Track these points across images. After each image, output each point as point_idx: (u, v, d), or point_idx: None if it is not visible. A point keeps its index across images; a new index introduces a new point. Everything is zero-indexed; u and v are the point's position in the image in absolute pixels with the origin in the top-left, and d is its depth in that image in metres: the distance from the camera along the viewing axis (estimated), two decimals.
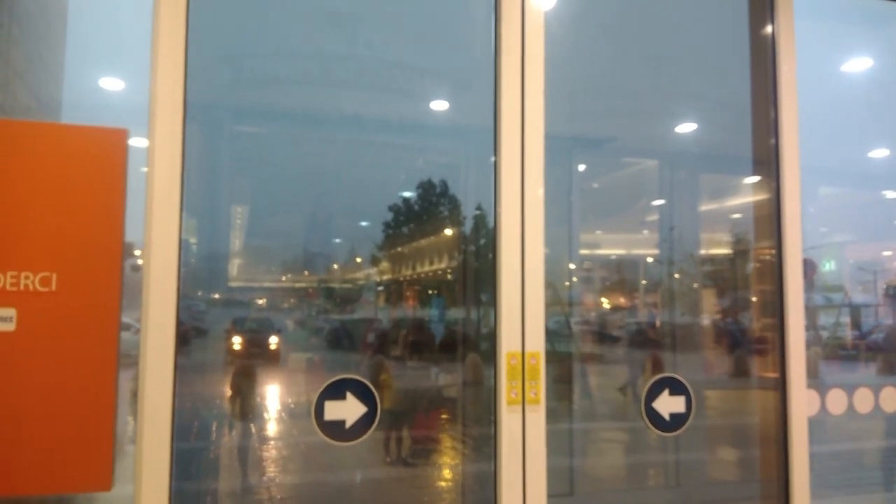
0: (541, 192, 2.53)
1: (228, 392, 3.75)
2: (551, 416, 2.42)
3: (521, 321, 2.40)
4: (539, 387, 2.37)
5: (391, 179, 4.66)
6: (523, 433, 2.36)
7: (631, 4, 3.58)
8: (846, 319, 6.41)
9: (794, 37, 3.01)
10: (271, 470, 4.09)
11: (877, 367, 5.20)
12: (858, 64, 4.70)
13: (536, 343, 2.40)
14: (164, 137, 2.13)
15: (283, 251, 4.87)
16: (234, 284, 4.71)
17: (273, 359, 4.46)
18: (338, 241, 5.16)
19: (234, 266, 4.77)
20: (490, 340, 2.49)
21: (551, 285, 2.53)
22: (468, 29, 3.12)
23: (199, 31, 2.16)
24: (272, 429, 4.24)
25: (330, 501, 3.98)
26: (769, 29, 3.02)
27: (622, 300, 6.76)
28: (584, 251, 5.94)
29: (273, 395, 4.55)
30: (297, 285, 5.10)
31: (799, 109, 3.01)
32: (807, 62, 3.06)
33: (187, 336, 2.19)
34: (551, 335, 2.49)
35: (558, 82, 2.65)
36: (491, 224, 2.59)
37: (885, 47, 4.51)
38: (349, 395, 2.29)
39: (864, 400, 3.13)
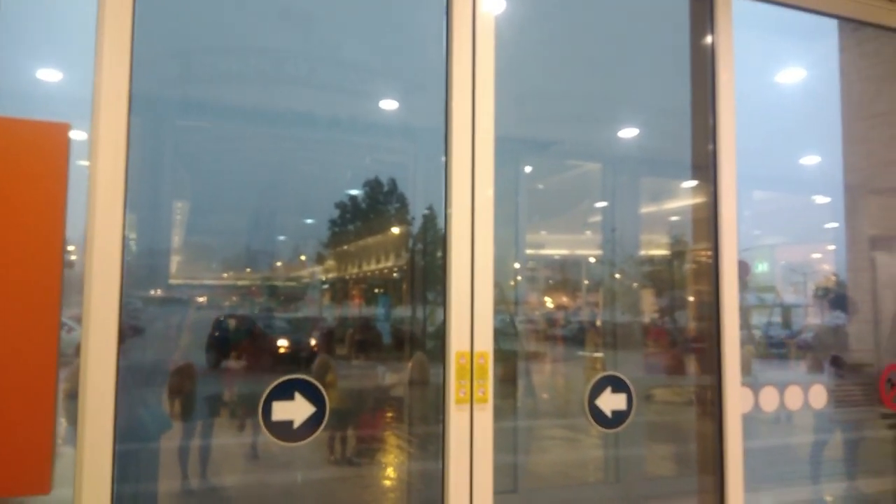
0: (490, 192, 2.57)
1: (167, 392, 3.66)
2: (497, 413, 2.46)
3: (470, 321, 2.43)
4: (487, 386, 2.40)
5: (339, 177, 4.62)
6: (471, 431, 2.39)
7: (578, 13, 3.66)
8: (778, 319, 6.68)
9: (732, 47, 3.13)
10: (212, 470, 4.00)
11: (806, 365, 5.43)
12: (792, 74, 4.92)
13: (485, 343, 2.43)
14: (108, 131, 2.07)
15: (225, 248, 4.77)
16: (174, 282, 4.59)
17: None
18: (282, 238, 5.08)
19: (175, 263, 4.65)
20: (436, 339, 2.51)
21: (497, 284, 2.56)
22: (420, 31, 3.13)
23: (146, 24, 2.10)
24: (217, 429, 4.14)
25: (271, 501, 3.93)
26: (709, 39, 3.13)
27: (565, 299, 6.88)
28: (529, 251, 6.02)
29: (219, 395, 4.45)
30: (240, 283, 5.00)
31: (736, 117, 3.13)
32: (744, 72, 3.18)
33: (123, 335, 2.13)
34: (496, 334, 2.52)
35: (507, 86, 2.68)
36: (439, 224, 2.61)
37: (816, 59, 4.73)
38: (297, 396, 2.27)
39: (794, 397, 3.28)
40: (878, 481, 4.21)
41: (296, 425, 2.26)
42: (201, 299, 4.72)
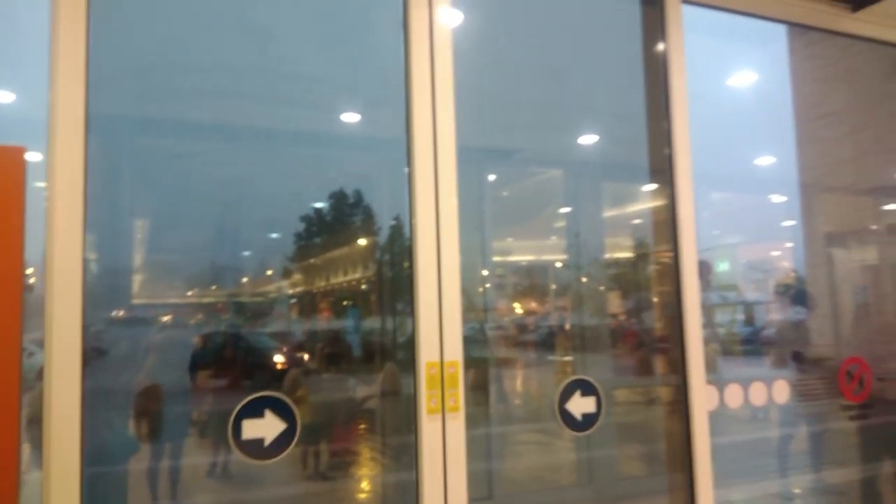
0: (454, 201, 2.59)
1: (133, 414, 3.60)
2: (469, 421, 2.47)
3: (438, 331, 2.44)
4: (458, 395, 2.41)
5: (303, 191, 4.60)
6: (443, 441, 2.39)
7: (534, 23, 3.71)
8: (741, 316, 6.83)
9: (683, 53, 3.21)
10: (183, 491, 3.94)
11: (770, 360, 5.54)
12: (744, 78, 5.05)
13: (455, 352, 2.44)
14: (64, 152, 2.04)
15: (189, 265, 4.70)
16: (137, 302, 4.52)
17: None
18: (247, 253, 5.03)
19: (137, 282, 4.57)
20: (406, 349, 2.51)
21: (465, 292, 2.58)
22: (379, 43, 3.14)
23: (101, 42, 2.07)
24: (187, 449, 4.08)
25: None
26: (661, 46, 3.21)
27: (534, 305, 6.94)
28: (496, 258, 6.06)
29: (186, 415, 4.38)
30: (205, 300, 4.93)
31: (690, 121, 3.20)
32: (698, 77, 3.26)
33: (86, 357, 2.10)
34: (466, 341, 2.53)
35: (468, 96, 2.71)
36: (405, 234, 2.62)
37: (767, 62, 4.87)
38: (268, 413, 2.26)
39: (758, 393, 3.36)
40: (842, 472, 4.33)
41: (267, 443, 2.24)
42: (166, 318, 4.64)
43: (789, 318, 5.44)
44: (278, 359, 4.82)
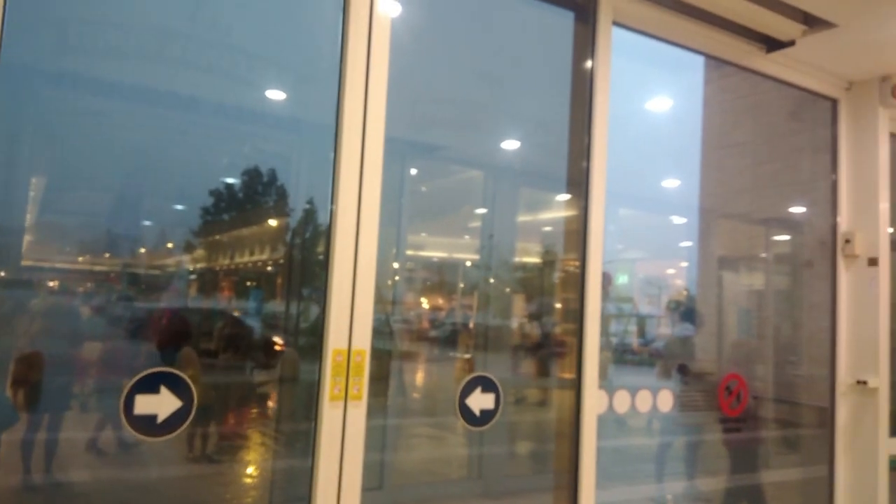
0: (378, 191, 2.58)
1: (10, 382, 3.37)
2: (367, 411, 2.47)
3: (349, 318, 2.43)
4: (363, 383, 2.41)
5: (215, 164, 4.44)
6: (343, 428, 2.39)
7: (470, 26, 3.75)
8: (634, 328, 7.15)
9: (609, 72, 3.34)
10: (60, 466, 3.73)
11: (657, 371, 5.84)
12: (660, 103, 5.31)
13: (363, 341, 2.44)
14: None
15: (82, 230, 4.44)
16: (23, 263, 4.23)
17: None
18: (147, 223, 4.80)
19: (24, 243, 4.28)
20: (309, 336, 2.49)
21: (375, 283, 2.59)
22: (314, 24, 3.09)
23: None
24: (68, 422, 3.86)
25: (124, 500, 3.73)
26: (589, 63, 3.32)
27: (440, 301, 7.00)
28: (409, 251, 6.08)
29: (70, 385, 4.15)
30: (97, 268, 4.67)
31: (608, 138, 3.33)
32: (618, 97, 3.40)
33: None
34: (372, 332, 2.54)
35: (398, 88, 2.71)
36: (320, 219, 2.59)
37: (682, 90, 5.14)
38: (163, 389, 2.18)
39: (644, 400, 3.54)
40: (713, 480, 4.63)
41: (160, 419, 2.17)
42: (52, 283, 4.38)
43: (677, 334, 5.75)
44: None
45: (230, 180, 4.66)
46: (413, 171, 5.37)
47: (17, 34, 1.95)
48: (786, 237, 5.18)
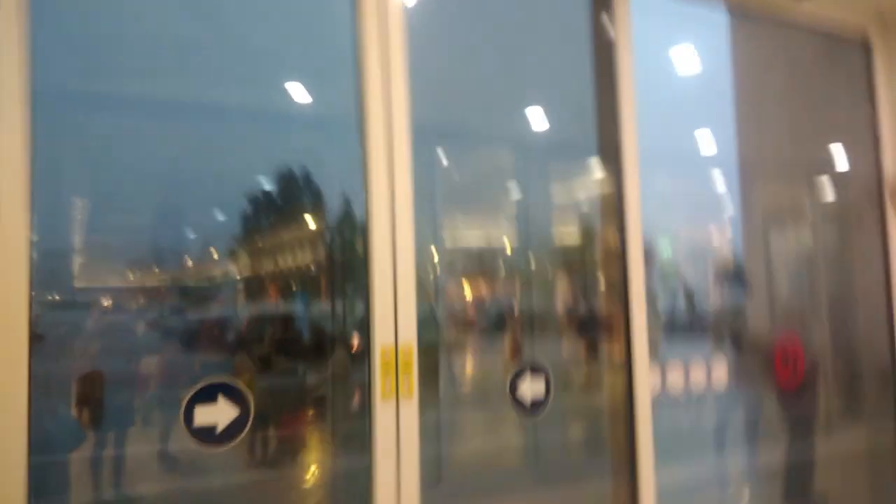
0: (409, 181, 2.56)
1: (75, 401, 3.48)
2: (420, 406, 2.46)
3: (393, 315, 2.42)
4: (412, 380, 2.40)
5: (250, 171, 4.49)
6: (397, 426, 2.39)
7: (486, 4, 3.70)
8: (682, 300, 7.00)
9: (631, 36, 3.24)
10: (129, 480, 3.83)
11: (710, 342, 5.71)
12: (688, 61, 5.12)
13: (409, 336, 2.43)
14: (6, 129, 1.94)
15: (129, 247, 4.53)
16: (75, 285, 4.35)
17: None
18: (191, 236, 4.89)
19: (75, 265, 4.40)
20: (358, 334, 2.49)
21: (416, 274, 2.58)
22: (330, 20, 3.08)
23: (43, 16, 1.97)
24: (132, 437, 3.96)
25: None
26: (609, 29, 3.24)
27: (483, 288, 6.96)
28: (447, 240, 6.06)
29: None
30: (147, 283, 4.78)
31: (637, 105, 3.24)
32: (643, 60, 3.30)
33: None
34: (417, 325, 2.53)
35: (420, 78, 2.69)
36: (356, 216, 2.58)
37: (709, 47, 4.96)
38: (220, 399, 2.21)
39: (697, 376, 3.46)
40: (771, 456, 4.51)
41: (219, 429, 2.19)
42: (106, 302, 4.49)
43: (727, 301, 5.62)
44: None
45: (266, 186, 4.71)
46: (443, 159, 5.34)
47: (44, 59, 1.99)
48: (831, 190, 5.00)
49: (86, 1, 2.70)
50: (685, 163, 5.67)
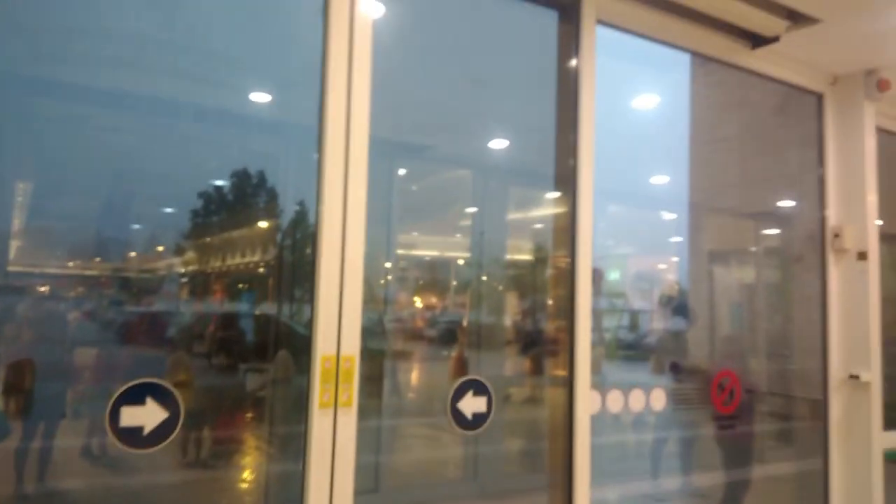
0: (363, 193, 2.56)
1: (1, 389, 3.35)
2: (359, 413, 2.46)
3: (337, 325, 2.41)
4: (352, 390, 2.40)
5: (204, 167, 4.42)
6: (334, 436, 2.37)
7: (454, 27, 3.74)
8: (626, 323, 7.17)
9: (595, 70, 3.33)
10: (55, 473, 3.71)
11: (650, 366, 5.85)
12: (647, 101, 5.30)
13: (352, 347, 2.43)
14: None
15: (72, 234, 4.41)
16: (12, 269, 4.21)
17: None
18: (137, 226, 4.77)
19: (13, 248, 4.26)
20: (302, 338, 2.47)
21: (366, 282, 2.57)
22: (296, 26, 3.07)
23: None
24: (61, 430, 3.84)
25: None
26: (574, 62, 3.31)
27: (434, 299, 7.00)
28: (400, 251, 6.07)
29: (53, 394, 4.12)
30: (87, 272, 4.64)
31: (595, 136, 3.33)
32: (605, 96, 3.39)
33: None
34: (364, 332, 2.53)
35: (385, 90, 2.70)
36: (309, 219, 2.57)
37: (669, 87, 5.13)
38: (149, 401, 2.16)
39: (637, 399, 3.54)
40: (707, 476, 4.64)
41: (146, 431, 2.15)
42: (43, 289, 4.35)
43: (670, 328, 5.77)
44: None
45: (220, 182, 4.64)
46: (402, 172, 5.36)
47: None
48: (775, 231, 5.20)
49: None
50: (639, 194, 5.83)
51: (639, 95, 5.11)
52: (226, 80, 3.78)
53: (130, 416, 2.13)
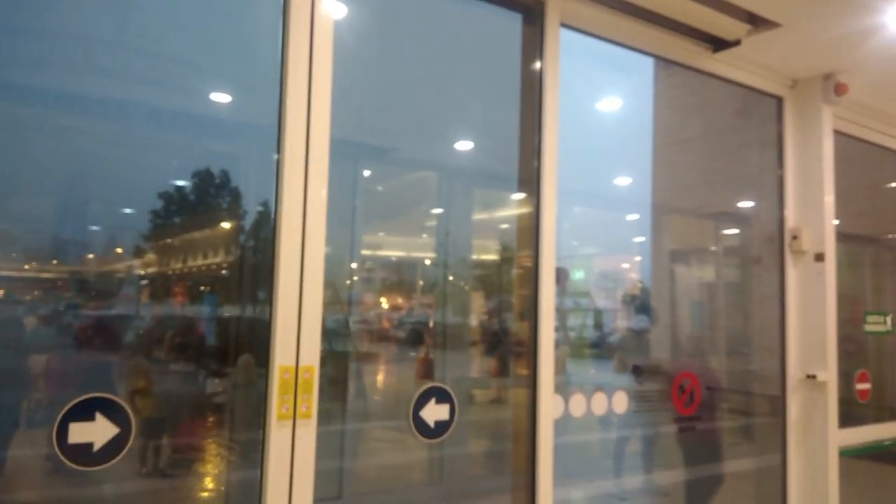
0: (324, 195, 2.52)
1: None
2: (323, 417, 2.41)
3: (296, 335, 2.37)
4: (311, 401, 2.36)
5: (162, 167, 4.32)
6: (292, 447, 2.33)
7: (417, 28, 3.72)
8: (591, 322, 7.21)
9: (559, 72, 3.34)
10: (5, 486, 3.59)
11: (613, 364, 5.89)
12: (610, 103, 5.34)
13: (312, 356, 2.38)
14: None
15: (27, 236, 4.28)
16: None
17: None
18: (95, 228, 4.65)
19: None
20: (266, 341, 2.41)
21: (331, 284, 2.52)
22: (254, 27, 3.01)
23: None
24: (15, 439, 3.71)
25: None
26: (538, 65, 3.31)
27: (400, 300, 6.95)
28: (366, 251, 6.02)
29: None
30: (44, 275, 4.51)
31: (559, 138, 3.33)
32: (568, 98, 3.40)
33: None
34: (329, 334, 2.48)
35: (347, 93, 2.66)
36: (272, 220, 2.52)
37: (632, 89, 5.17)
38: (98, 416, 2.09)
39: (599, 403, 3.56)
40: (668, 474, 4.70)
41: (96, 448, 2.07)
42: None
43: (633, 326, 5.82)
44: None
45: (180, 183, 4.54)
46: (366, 173, 5.31)
47: None
48: (735, 231, 5.27)
49: None
50: (602, 195, 5.86)
51: (602, 98, 5.13)
52: (184, 82, 3.70)
53: (79, 432, 2.05)
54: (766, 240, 4.50)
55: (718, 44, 3.89)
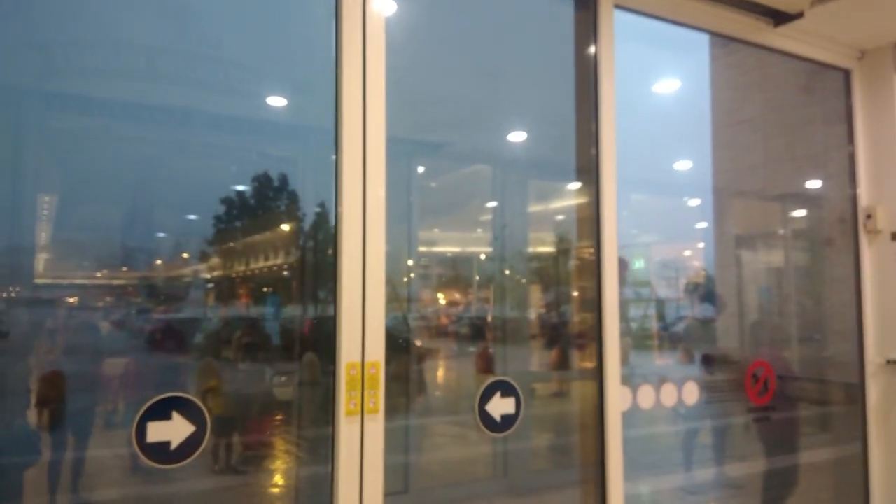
0: (382, 193, 2.52)
1: (35, 403, 3.38)
2: (387, 413, 2.42)
3: (361, 331, 2.38)
4: (378, 396, 2.37)
5: (224, 173, 4.43)
6: (361, 443, 2.35)
7: (467, 20, 3.70)
8: (653, 312, 7.06)
9: (614, 56, 3.26)
10: (86, 485, 3.74)
11: (678, 354, 5.75)
12: (668, 85, 5.20)
13: (377, 352, 2.40)
14: None
15: (98, 245, 4.44)
16: (40, 282, 4.25)
17: None
18: (161, 234, 4.80)
19: (41, 261, 4.30)
20: (328, 340, 2.43)
21: (389, 282, 2.54)
22: (309, 29, 3.04)
23: (3, 15, 1.91)
24: (92, 440, 3.87)
25: None
26: (592, 49, 3.25)
27: (458, 296, 6.96)
28: (422, 248, 6.04)
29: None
30: (115, 282, 4.68)
31: (617, 124, 3.26)
32: (625, 82, 3.32)
33: None
34: (389, 332, 2.49)
35: (400, 89, 2.66)
36: (331, 221, 2.54)
37: (689, 70, 5.03)
38: (175, 415, 2.15)
39: (669, 394, 3.47)
40: (742, 466, 4.56)
41: (173, 446, 2.14)
42: (71, 300, 4.39)
43: (697, 315, 5.66)
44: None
45: (241, 188, 4.64)
46: (420, 169, 5.33)
47: (3, 59, 1.92)
48: (803, 213, 5.07)
49: (48, 3, 2.63)
50: (662, 181, 5.73)
51: (659, 80, 5.01)
52: (242, 86, 3.77)
53: (157, 431, 2.12)
54: (838, 220, 4.30)
55: (780, 17, 3.74)
